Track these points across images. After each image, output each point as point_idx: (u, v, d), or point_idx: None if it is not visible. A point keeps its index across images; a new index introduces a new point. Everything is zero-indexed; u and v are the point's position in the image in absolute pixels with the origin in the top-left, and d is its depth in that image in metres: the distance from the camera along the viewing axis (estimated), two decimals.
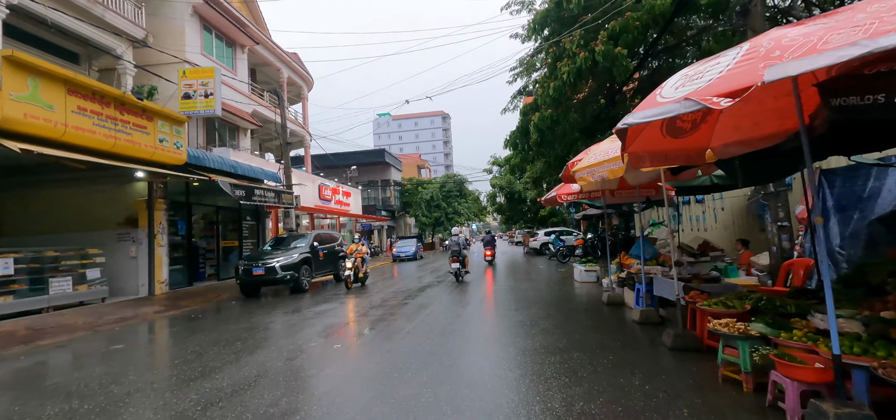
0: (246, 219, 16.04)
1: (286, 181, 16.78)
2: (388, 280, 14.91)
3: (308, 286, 12.34)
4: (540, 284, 11.45)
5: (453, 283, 12.37)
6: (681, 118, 3.40)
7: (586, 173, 4.99)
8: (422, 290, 11.34)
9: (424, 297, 9.82)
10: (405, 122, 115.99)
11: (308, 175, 27.40)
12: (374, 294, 11.06)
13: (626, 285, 7.64)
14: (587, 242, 19.20)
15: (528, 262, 21.05)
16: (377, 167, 45.17)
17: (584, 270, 11.54)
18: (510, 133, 15.76)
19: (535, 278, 13.17)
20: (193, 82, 10.85)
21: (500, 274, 15.12)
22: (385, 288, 12.37)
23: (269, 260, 11.68)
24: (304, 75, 30.18)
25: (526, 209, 34.04)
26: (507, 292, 10.13)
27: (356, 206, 33.19)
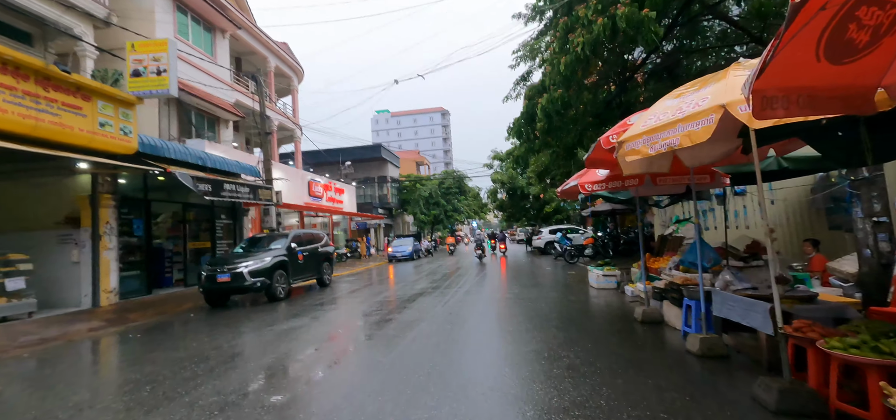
0: (220, 217, 14.44)
1: (266, 175, 15.17)
2: (378, 286, 13.31)
3: (284, 293, 10.74)
4: (551, 291, 9.84)
5: (449, 290, 10.78)
6: (859, 21, 1.77)
7: (642, 143, 3.37)
8: (412, 299, 9.74)
9: (414, 310, 8.22)
10: (404, 120, 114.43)
11: (297, 170, 25.79)
12: (358, 305, 9.46)
13: (667, 299, 6.03)
14: (598, 241, 17.60)
15: (532, 262, 19.43)
16: (373, 163, 43.54)
17: (601, 275, 9.93)
18: (514, 120, 14.13)
19: (543, 283, 11.56)
20: (143, 57, 9.23)
21: (504, 277, 13.51)
22: (371, 297, 10.77)
23: (238, 264, 10.08)
24: (294, 65, 28.54)
25: (528, 206, 32.43)
26: (513, 303, 8.52)
27: (350, 204, 31.59)
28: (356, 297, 10.54)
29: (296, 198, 23.28)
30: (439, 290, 10.86)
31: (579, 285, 10.70)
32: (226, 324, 7.88)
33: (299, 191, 24.00)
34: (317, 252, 13.13)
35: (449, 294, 10.12)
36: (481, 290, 10.73)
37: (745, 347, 4.52)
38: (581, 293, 9.45)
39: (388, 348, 5.43)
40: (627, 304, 7.88)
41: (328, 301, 10.04)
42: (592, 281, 10.25)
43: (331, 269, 14.01)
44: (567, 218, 29.17)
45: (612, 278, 9.92)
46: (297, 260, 11.89)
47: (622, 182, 5.60)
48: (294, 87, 28.90)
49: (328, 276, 13.69)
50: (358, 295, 11.06)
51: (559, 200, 26.90)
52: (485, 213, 52.50)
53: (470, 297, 9.45)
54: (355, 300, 10.09)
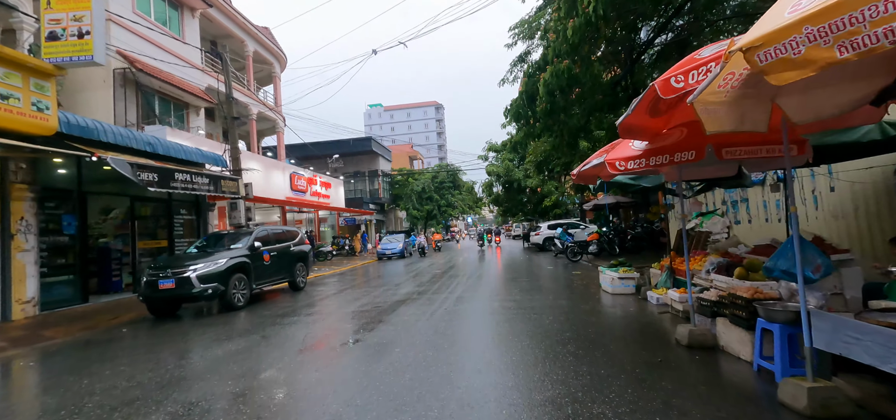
0: (180, 213, 12.76)
1: (233, 165, 13.50)
2: (358, 290, 11.70)
3: (243, 301, 9.13)
4: (558, 298, 8.29)
5: (438, 296, 9.20)
6: None
7: (815, 41, 1.70)
8: (393, 309, 8.16)
9: (392, 325, 6.65)
10: (397, 113, 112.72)
11: (278, 162, 24.07)
12: (326, 317, 7.86)
13: (723, 316, 4.48)
14: (602, 237, 16.10)
15: (530, 260, 17.90)
16: (364, 157, 41.81)
17: (617, 278, 8.40)
18: (512, 102, 12.55)
19: (547, 287, 10.01)
20: (61, 17, 7.51)
21: (501, 279, 11.95)
22: (345, 305, 9.18)
23: (185, 268, 8.44)
24: (275, 51, 26.74)
25: (525, 200, 30.90)
26: (514, 316, 6.96)
27: (338, 199, 29.92)
28: (328, 306, 8.94)
29: (276, 192, 21.60)
30: (426, 296, 9.29)
31: (589, 290, 9.17)
32: (154, 344, 6.26)
33: (280, 184, 22.31)
34: (288, 251, 11.50)
35: (437, 301, 8.55)
36: (475, 295, 9.17)
37: (873, 401, 2.98)
38: (594, 301, 7.91)
39: (340, 395, 3.85)
40: (656, 316, 6.34)
41: (293, 311, 8.43)
42: (606, 285, 8.72)
43: (306, 270, 12.40)
44: (566, 212, 27.68)
45: (630, 282, 8.40)
46: (263, 261, 10.26)
47: (669, 156, 4.02)
48: (276, 74, 27.12)
49: (302, 279, 12.08)
50: (332, 302, 9.46)
51: (558, 193, 25.37)
52: (480, 208, 50.95)
53: (462, 307, 7.88)
54: (326, 309, 8.48)
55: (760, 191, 8.38)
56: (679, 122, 3.96)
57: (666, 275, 7.64)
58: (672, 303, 6.19)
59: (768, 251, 6.48)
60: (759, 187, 8.39)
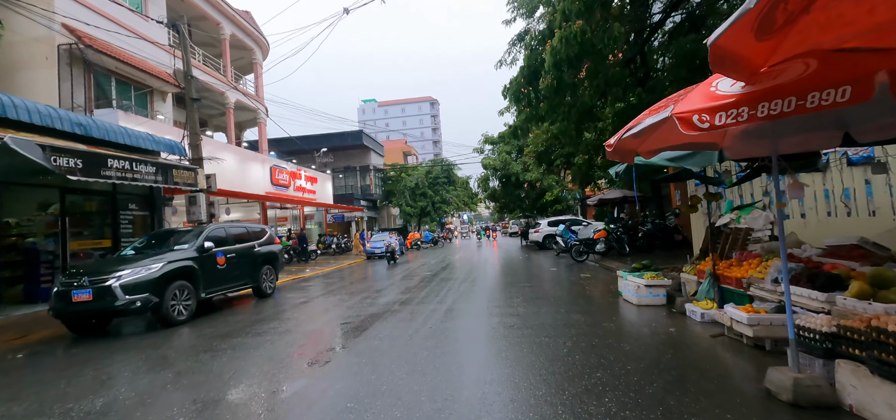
0: (129, 208, 11.04)
1: (192, 154, 11.79)
2: (334, 296, 10.06)
3: (187, 314, 7.48)
4: (571, 311, 6.68)
5: (425, 306, 7.58)
6: None
7: None
8: (367, 325, 6.55)
9: (355, 356, 5.04)
10: (392, 109, 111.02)
11: (257, 154, 22.33)
12: (282, 337, 6.21)
13: (848, 359, 2.88)
14: (611, 234, 14.53)
15: (530, 260, 16.30)
16: (355, 151, 40.09)
17: (643, 285, 6.81)
18: (511, 80, 10.93)
19: (554, 294, 8.41)
20: None
21: (499, 283, 10.34)
22: (312, 319, 7.54)
23: (108, 275, 6.78)
24: (256, 36, 24.94)
25: (523, 195, 29.30)
26: (520, 340, 5.35)
27: (325, 194, 28.20)
28: (291, 320, 7.28)
29: (255, 186, 19.88)
30: (410, 307, 7.66)
31: (606, 298, 7.58)
32: (36, 379, 4.60)
33: (259, 178, 20.58)
34: (250, 253, 9.84)
35: (422, 315, 6.93)
36: (469, 306, 7.55)
37: None
38: (617, 315, 6.32)
39: None
40: (708, 341, 4.75)
41: (241, 329, 6.77)
42: (629, 293, 7.12)
43: (274, 273, 10.75)
44: (567, 208, 26.12)
45: (659, 290, 6.81)
46: (216, 264, 8.60)
47: (798, 99, 2.37)
48: (257, 61, 25.32)
49: (270, 284, 10.44)
50: (297, 314, 7.80)
51: (559, 188, 23.77)
52: (475, 205, 49.36)
53: (451, 324, 6.26)
54: (287, 325, 6.83)
55: (821, 178, 6.81)
56: (803, 48, 2.34)
57: (708, 283, 6.06)
58: (734, 324, 4.60)
59: (853, 254, 4.92)
60: (820, 174, 6.81)
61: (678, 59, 11.23)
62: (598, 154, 17.10)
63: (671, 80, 11.35)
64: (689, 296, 6.63)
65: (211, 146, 17.22)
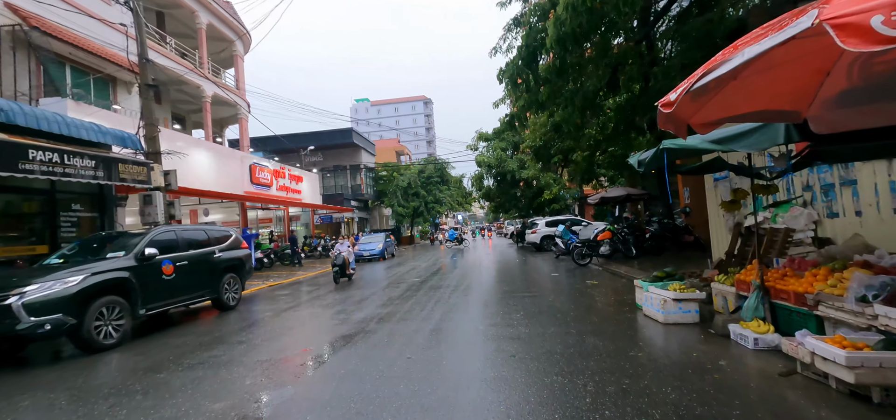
0: (72, 209, 9.66)
1: (148, 147, 10.44)
2: (305, 308, 8.76)
3: (117, 336, 6.16)
4: (584, 331, 5.43)
5: (408, 323, 6.31)
6: None
7: None
8: (340, 347, 5.27)
9: (315, 395, 3.76)
10: (385, 108, 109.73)
11: (235, 152, 20.94)
12: (224, 368, 4.91)
13: None
14: (616, 235, 13.34)
15: (528, 264, 15.08)
16: (345, 150, 38.69)
17: (672, 299, 5.58)
18: (507, 63, 9.70)
19: (561, 307, 7.16)
20: None
21: (495, 292, 9.08)
22: (273, 339, 6.23)
23: (7, 293, 5.44)
24: (236, 27, 23.53)
25: (519, 194, 28.08)
26: (527, 380, 4.11)
27: (312, 194, 26.84)
28: (242, 346, 5.97)
29: (232, 185, 18.50)
30: (389, 326, 6.39)
31: (623, 312, 6.35)
32: None
33: (238, 177, 19.20)
34: (208, 260, 8.53)
35: (401, 337, 5.66)
36: (460, 326, 6.29)
37: None
38: (642, 338, 5.08)
39: None
40: (777, 382, 3.52)
41: (178, 358, 5.46)
42: (653, 308, 5.89)
43: (240, 283, 9.43)
44: (565, 207, 24.94)
45: (691, 306, 5.58)
46: (162, 274, 7.28)
47: None
48: (238, 53, 23.92)
49: (234, 295, 9.12)
50: (252, 336, 6.50)
51: (558, 187, 22.54)
52: (469, 204, 48.14)
53: (437, 353, 5.00)
54: (232, 353, 5.53)
55: (886, 167, 5.62)
56: None
57: (756, 299, 4.84)
58: (816, 361, 3.36)
59: None
60: (884, 163, 5.61)
61: (690, 41, 10.05)
62: (599, 149, 15.99)
63: (684, 64, 10.18)
64: (729, 313, 5.42)
65: (179, 141, 15.85)
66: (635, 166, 5.34)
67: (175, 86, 20.28)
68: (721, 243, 9.46)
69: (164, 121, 20.46)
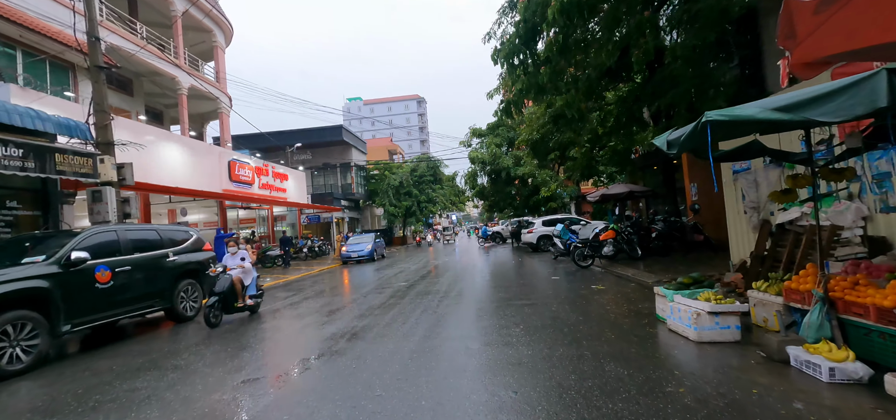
0: (5, 206, 8.44)
1: (98, 137, 9.27)
2: (269, 321, 7.64)
3: (27, 359, 5.03)
4: (601, 356, 4.35)
5: (384, 343, 5.23)
6: None
7: None
8: (287, 377, 4.18)
9: None
10: (378, 108, 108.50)
11: (213, 147, 19.72)
12: (144, 404, 3.79)
13: None
14: (620, 235, 12.34)
15: (524, 266, 14.04)
16: (334, 148, 37.49)
17: (707, 312, 4.54)
18: (502, 42, 8.64)
19: (567, 320, 6.10)
20: None
21: (490, 301, 8.00)
22: (217, 364, 5.12)
23: None
24: (217, 17, 22.30)
25: (514, 192, 27.05)
26: None
27: (297, 193, 25.64)
28: (177, 371, 4.86)
29: (209, 182, 17.28)
30: (363, 344, 5.30)
31: (641, 326, 5.30)
32: None
33: (215, 174, 17.98)
34: (160, 264, 7.40)
35: (377, 360, 4.58)
36: (447, 345, 5.23)
37: None
38: (675, 364, 4.03)
39: None
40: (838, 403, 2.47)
41: (92, 389, 4.37)
42: (680, 322, 4.85)
43: (201, 290, 8.29)
44: (562, 206, 23.96)
45: (731, 321, 4.55)
46: (95, 282, 6.14)
47: None
48: (218, 44, 22.70)
49: (191, 303, 7.99)
50: (200, 355, 5.39)
51: (556, 184, 21.52)
52: (463, 203, 47.09)
53: (416, 384, 3.92)
54: (165, 383, 4.42)
55: None
56: None
57: (820, 314, 3.81)
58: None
59: None
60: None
61: (703, 20, 9.04)
62: (599, 144, 15.00)
63: (696, 45, 9.20)
64: (784, 330, 4.39)
65: (149, 134, 14.64)
66: (663, 148, 4.29)
67: (148, 77, 19.05)
68: (743, 243, 8.47)
69: (136, 113, 19.22)
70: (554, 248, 15.32)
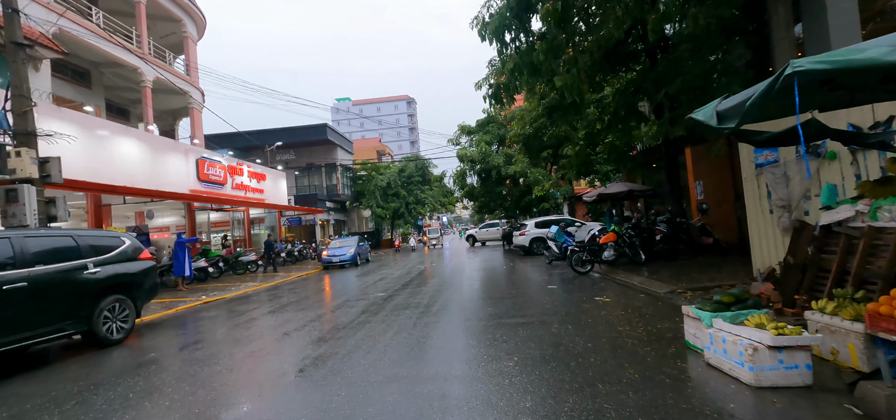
0: None
1: (17, 125, 7.87)
2: (209, 346, 6.33)
3: None
4: (626, 407, 3.14)
5: (336, 379, 3.97)
6: None
7: None
8: None
9: None
10: (367, 108, 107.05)
11: (179, 144, 18.24)
12: None
13: None
14: (622, 238, 11.21)
15: (517, 272, 12.84)
16: (318, 148, 36.03)
17: (766, 346, 3.35)
18: (491, 14, 7.42)
19: (571, 347, 4.90)
20: None
21: (478, 317, 6.77)
22: (110, 411, 3.78)
23: None
24: (187, 5, 20.81)
25: (505, 193, 25.89)
26: None
27: (277, 194, 24.21)
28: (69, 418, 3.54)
29: (173, 182, 15.82)
30: (312, 385, 4.05)
31: (672, 362, 4.10)
32: None
33: (180, 172, 16.51)
34: (75, 279, 6.06)
35: (325, 409, 3.31)
36: (420, 388, 3.99)
37: None
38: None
39: None
40: None
41: None
42: (725, 356, 3.66)
43: (133, 307, 6.94)
44: (555, 206, 22.85)
45: (799, 357, 3.36)
46: None
47: None
48: (188, 35, 21.20)
49: (121, 324, 6.63)
50: (99, 399, 4.07)
51: (550, 182, 20.39)
52: (453, 205, 45.89)
53: None
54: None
55: None
56: None
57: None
58: None
59: None
60: None
61: None
62: (597, 140, 13.90)
63: (709, 22, 8.09)
64: (881, 374, 3.22)
65: (102, 128, 13.18)
66: (710, 122, 3.12)
67: (109, 68, 17.53)
68: (768, 247, 7.36)
69: (96, 108, 17.68)
70: (548, 251, 14.17)
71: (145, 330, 7.62)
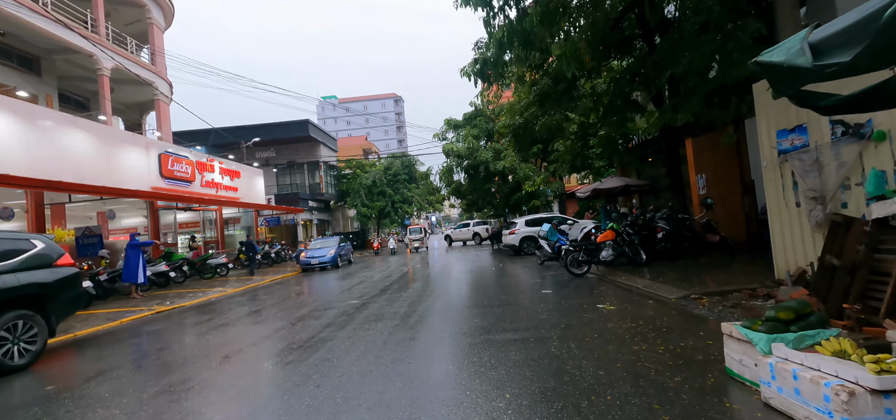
0: None
1: None
2: (143, 372, 5.14)
3: None
4: None
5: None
6: None
7: None
8: None
9: None
10: (354, 106, 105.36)
11: (139, 137, 16.80)
12: None
13: None
14: (620, 237, 10.24)
15: (507, 275, 11.80)
16: (300, 145, 34.60)
17: (866, 388, 2.32)
18: None
19: (579, 375, 3.87)
20: None
21: (463, 332, 5.69)
22: None
23: None
24: None
25: (494, 190, 24.85)
26: None
27: (253, 192, 22.83)
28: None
29: (131, 179, 14.41)
30: (264, 411, 2.92)
31: (715, 398, 3.06)
32: None
33: (140, 169, 15.11)
34: None
35: None
36: (389, 417, 2.86)
37: None
38: None
39: None
40: None
41: None
42: (806, 404, 2.62)
43: (44, 324, 5.72)
44: (545, 204, 21.90)
45: None
46: None
47: None
48: (154, 22, 19.72)
49: (26, 346, 5.41)
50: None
51: (541, 178, 19.40)
52: (440, 203, 44.79)
53: None
54: None
55: None
56: None
57: None
58: None
59: None
60: None
61: None
62: (591, 132, 12.94)
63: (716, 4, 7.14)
64: None
65: (47, 118, 11.78)
66: (803, 63, 2.09)
67: (61, 55, 16.05)
68: (794, 244, 6.43)
69: (47, 98, 16.18)
70: (540, 251, 13.18)
71: (69, 348, 6.40)
